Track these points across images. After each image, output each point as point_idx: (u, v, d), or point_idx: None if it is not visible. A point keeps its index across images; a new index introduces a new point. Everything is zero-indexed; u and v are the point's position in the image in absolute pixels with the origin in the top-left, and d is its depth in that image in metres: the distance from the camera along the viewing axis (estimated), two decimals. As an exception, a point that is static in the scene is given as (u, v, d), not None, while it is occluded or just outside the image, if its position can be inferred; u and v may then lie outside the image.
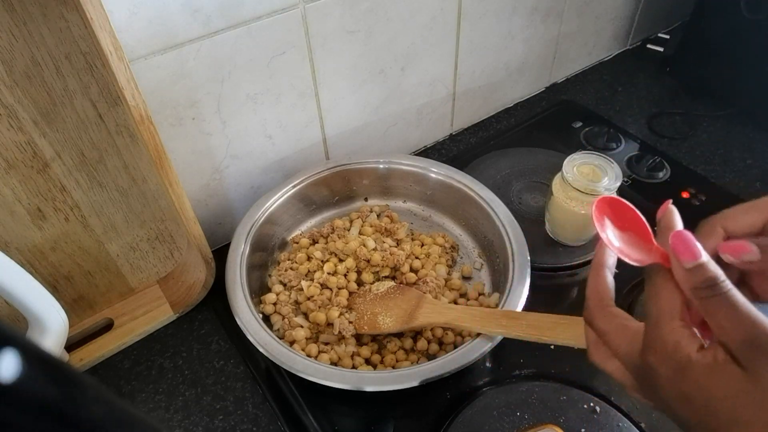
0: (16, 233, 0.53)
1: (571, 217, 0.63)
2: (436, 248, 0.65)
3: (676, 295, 0.29)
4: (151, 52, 0.53)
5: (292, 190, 0.67)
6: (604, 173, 0.61)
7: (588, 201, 0.61)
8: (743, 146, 0.82)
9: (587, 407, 0.52)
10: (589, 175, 0.62)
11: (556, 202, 0.64)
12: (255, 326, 0.53)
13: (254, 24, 0.57)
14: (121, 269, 0.63)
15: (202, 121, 0.60)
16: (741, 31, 0.81)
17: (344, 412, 0.55)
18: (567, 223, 0.65)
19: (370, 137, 0.78)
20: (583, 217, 0.62)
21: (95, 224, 0.58)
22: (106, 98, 0.51)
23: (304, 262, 0.64)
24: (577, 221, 0.64)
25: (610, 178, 0.61)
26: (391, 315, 0.57)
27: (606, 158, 0.63)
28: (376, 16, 0.65)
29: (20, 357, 0.13)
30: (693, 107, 0.90)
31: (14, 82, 0.46)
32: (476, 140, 0.87)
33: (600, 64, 1.03)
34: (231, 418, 0.55)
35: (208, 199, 0.67)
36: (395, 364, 0.55)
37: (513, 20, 0.81)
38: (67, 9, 0.45)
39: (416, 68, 0.75)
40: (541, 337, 0.49)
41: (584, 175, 0.62)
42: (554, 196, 0.64)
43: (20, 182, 0.51)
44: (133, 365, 0.60)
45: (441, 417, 0.53)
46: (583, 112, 0.90)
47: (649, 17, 1.02)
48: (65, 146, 0.51)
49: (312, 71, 0.65)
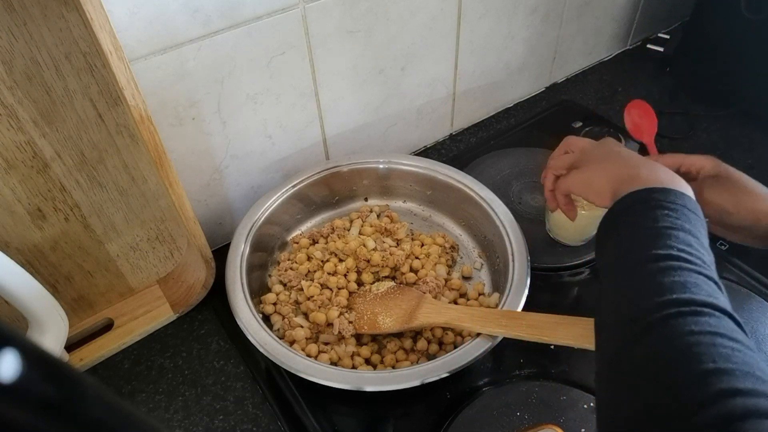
0: (16, 233, 0.53)
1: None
2: (436, 248, 0.65)
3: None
4: (151, 52, 0.53)
5: (292, 190, 0.67)
6: None
7: (587, 202, 0.61)
8: (743, 146, 0.82)
9: (587, 407, 0.52)
10: None
11: None
12: (255, 326, 0.53)
13: (254, 24, 0.57)
14: (121, 269, 0.63)
15: (202, 121, 0.60)
16: (741, 31, 0.81)
17: (344, 412, 0.55)
18: (567, 222, 0.65)
19: (370, 137, 0.78)
20: (583, 217, 0.62)
21: (95, 224, 0.58)
22: (106, 98, 0.51)
23: (304, 262, 0.64)
24: (577, 221, 0.63)
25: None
26: (391, 315, 0.57)
27: None
28: (376, 16, 0.65)
29: (20, 357, 0.13)
30: (693, 107, 0.90)
31: (14, 82, 0.46)
32: (476, 140, 0.87)
33: (600, 64, 1.03)
34: (231, 418, 0.55)
35: (208, 199, 0.67)
36: (395, 364, 0.55)
37: (513, 20, 0.81)
38: (67, 9, 0.45)
39: (416, 68, 0.75)
40: (541, 337, 0.49)
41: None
42: None
43: (20, 182, 0.51)
44: (133, 365, 0.60)
45: (441, 417, 0.53)
46: (583, 112, 0.90)
47: (649, 17, 1.02)
48: (65, 146, 0.51)
49: (312, 71, 0.65)
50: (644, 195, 0.41)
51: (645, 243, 0.38)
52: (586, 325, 0.49)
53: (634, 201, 0.42)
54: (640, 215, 0.40)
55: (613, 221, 0.43)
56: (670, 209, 0.39)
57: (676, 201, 0.40)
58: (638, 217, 0.40)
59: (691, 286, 0.34)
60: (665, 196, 0.40)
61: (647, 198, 0.41)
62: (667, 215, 0.39)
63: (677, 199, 0.40)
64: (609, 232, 0.42)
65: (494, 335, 0.51)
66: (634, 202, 0.42)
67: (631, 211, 0.41)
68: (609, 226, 0.43)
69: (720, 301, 0.33)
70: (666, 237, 0.37)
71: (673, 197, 0.40)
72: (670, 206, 0.39)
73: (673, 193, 0.40)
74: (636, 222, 0.40)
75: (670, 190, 0.41)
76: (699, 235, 0.38)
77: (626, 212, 0.42)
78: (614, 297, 0.37)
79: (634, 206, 0.41)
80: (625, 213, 0.42)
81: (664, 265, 0.35)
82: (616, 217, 0.42)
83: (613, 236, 0.41)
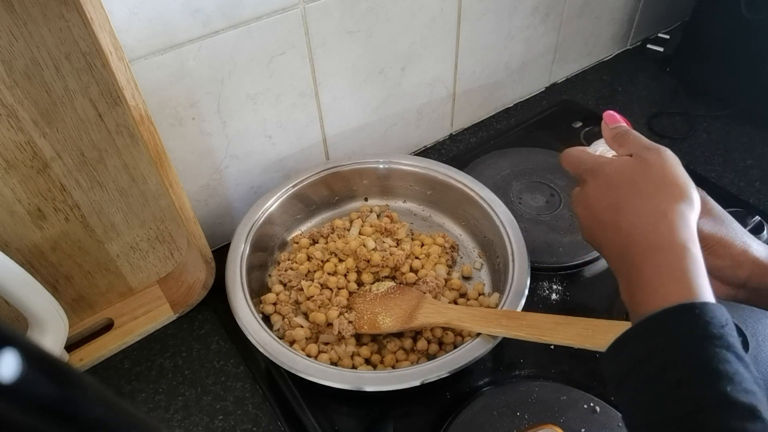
0: (16, 233, 0.53)
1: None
2: (436, 248, 0.65)
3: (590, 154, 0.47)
4: (151, 52, 0.53)
5: (292, 190, 0.67)
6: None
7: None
8: (743, 146, 0.82)
9: (587, 407, 0.52)
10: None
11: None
12: (255, 326, 0.53)
13: (254, 24, 0.57)
14: (121, 269, 0.63)
15: (202, 121, 0.60)
16: (741, 31, 0.81)
17: (344, 412, 0.55)
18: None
19: (370, 137, 0.78)
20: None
21: (95, 224, 0.58)
22: (106, 98, 0.51)
23: (304, 262, 0.64)
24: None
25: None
26: (391, 315, 0.57)
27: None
28: (376, 16, 0.65)
29: (20, 357, 0.13)
30: (693, 107, 0.90)
31: (14, 82, 0.46)
32: (476, 140, 0.87)
33: (600, 64, 1.03)
34: (231, 418, 0.55)
35: (208, 199, 0.67)
36: (395, 364, 0.55)
37: (513, 20, 0.81)
38: (67, 9, 0.45)
39: (416, 68, 0.75)
40: (541, 337, 0.49)
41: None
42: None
43: (20, 182, 0.51)
44: (133, 365, 0.60)
45: (441, 417, 0.53)
46: (583, 112, 0.90)
47: (649, 17, 1.02)
48: (65, 146, 0.51)
49: (312, 71, 0.65)
50: (681, 323, 0.32)
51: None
52: (586, 325, 0.49)
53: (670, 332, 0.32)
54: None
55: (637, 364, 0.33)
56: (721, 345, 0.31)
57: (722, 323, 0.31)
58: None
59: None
60: (709, 317, 0.31)
61: (690, 331, 0.31)
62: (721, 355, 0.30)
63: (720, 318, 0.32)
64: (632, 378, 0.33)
65: (494, 335, 0.51)
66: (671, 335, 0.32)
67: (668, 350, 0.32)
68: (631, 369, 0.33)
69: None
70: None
71: (716, 317, 0.32)
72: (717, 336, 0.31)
73: (715, 311, 0.32)
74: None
75: (708, 308, 0.32)
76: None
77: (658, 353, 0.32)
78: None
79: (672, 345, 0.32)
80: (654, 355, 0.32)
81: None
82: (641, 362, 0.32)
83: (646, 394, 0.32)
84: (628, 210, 0.40)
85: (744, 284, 0.45)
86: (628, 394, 0.33)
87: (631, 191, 0.40)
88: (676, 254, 0.35)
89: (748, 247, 0.45)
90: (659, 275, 0.35)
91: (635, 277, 0.36)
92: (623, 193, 0.41)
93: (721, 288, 0.47)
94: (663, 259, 0.36)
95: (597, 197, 0.43)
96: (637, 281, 0.36)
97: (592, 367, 0.56)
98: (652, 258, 0.36)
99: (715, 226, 0.45)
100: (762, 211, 0.70)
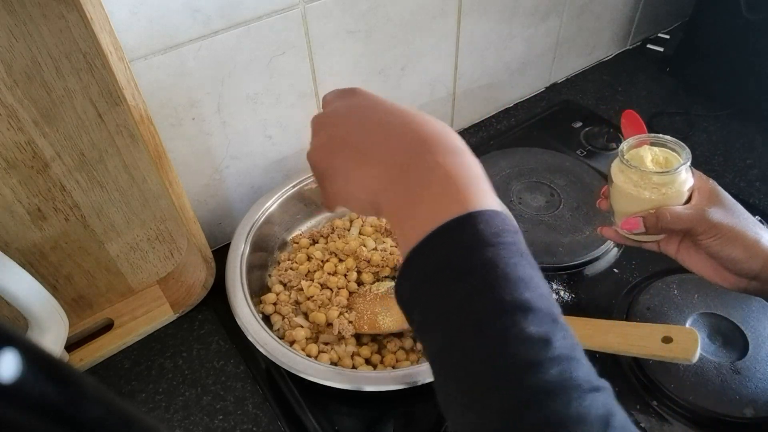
0: (16, 233, 0.53)
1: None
2: (436, 248, 0.65)
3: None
4: (151, 52, 0.53)
5: (292, 190, 0.67)
6: (675, 152, 0.52)
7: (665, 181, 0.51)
8: (743, 146, 0.82)
9: (587, 407, 0.52)
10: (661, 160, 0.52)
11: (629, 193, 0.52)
12: (255, 326, 0.53)
13: (254, 24, 0.57)
14: (121, 269, 0.63)
15: (202, 121, 0.60)
16: (741, 31, 0.81)
17: (344, 412, 0.55)
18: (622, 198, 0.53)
19: (370, 137, 0.78)
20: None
21: (95, 224, 0.58)
22: (106, 98, 0.51)
23: (304, 262, 0.64)
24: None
25: (683, 151, 0.52)
26: (391, 315, 0.57)
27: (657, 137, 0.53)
28: (376, 16, 0.65)
29: (20, 357, 0.13)
30: (693, 107, 0.90)
31: (14, 82, 0.46)
32: (476, 140, 0.87)
33: (600, 64, 1.03)
34: (231, 418, 0.55)
35: (208, 199, 0.67)
36: (395, 364, 0.55)
37: (513, 20, 0.81)
38: (67, 9, 0.45)
39: (416, 68, 0.75)
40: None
41: (658, 163, 0.52)
42: (623, 188, 0.52)
43: (20, 182, 0.51)
44: (133, 365, 0.60)
45: (441, 417, 0.53)
46: (583, 112, 0.90)
47: (649, 17, 1.02)
48: (65, 146, 0.51)
49: (312, 71, 0.65)
50: (460, 235, 0.28)
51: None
52: (586, 325, 0.49)
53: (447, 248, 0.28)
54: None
55: (422, 289, 0.29)
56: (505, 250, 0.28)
57: (506, 230, 0.29)
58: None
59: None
60: (488, 227, 0.28)
61: (470, 240, 0.28)
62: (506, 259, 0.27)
63: (505, 226, 0.29)
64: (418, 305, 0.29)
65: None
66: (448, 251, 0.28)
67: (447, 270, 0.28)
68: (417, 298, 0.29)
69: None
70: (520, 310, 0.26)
71: (500, 225, 0.29)
72: (501, 244, 0.28)
73: (498, 218, 0.29)
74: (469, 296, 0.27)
75: (492, 215, 0.29)
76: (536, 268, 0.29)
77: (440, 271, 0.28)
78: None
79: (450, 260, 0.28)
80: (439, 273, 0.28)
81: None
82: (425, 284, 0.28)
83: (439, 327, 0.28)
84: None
85: (756, 276, 0.45)
86: (427, 326, 0.29)
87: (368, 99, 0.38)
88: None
89: (760, 237, 0.45)
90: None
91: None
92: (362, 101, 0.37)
93: (733, 280, 0.47)
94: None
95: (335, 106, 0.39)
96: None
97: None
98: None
99: (726, 215, 0.46)
100: (762, 211, 0.70)
